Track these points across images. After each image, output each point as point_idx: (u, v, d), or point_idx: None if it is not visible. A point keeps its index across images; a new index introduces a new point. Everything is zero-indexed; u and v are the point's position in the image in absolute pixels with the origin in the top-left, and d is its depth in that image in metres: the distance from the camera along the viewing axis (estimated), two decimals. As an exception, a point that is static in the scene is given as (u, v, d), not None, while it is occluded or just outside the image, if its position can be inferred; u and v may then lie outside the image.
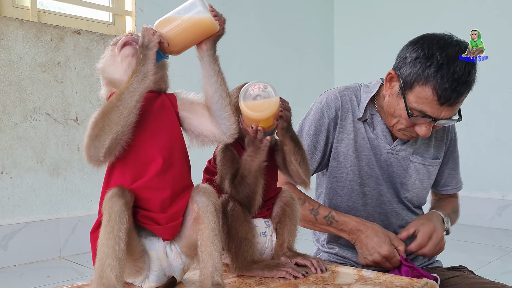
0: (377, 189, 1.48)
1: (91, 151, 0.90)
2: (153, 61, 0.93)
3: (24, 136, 2.68)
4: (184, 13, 0.97)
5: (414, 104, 1.32)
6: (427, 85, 1.28)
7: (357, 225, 1.39)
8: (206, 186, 0.98)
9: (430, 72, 1.27)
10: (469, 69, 1.28)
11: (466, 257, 1.44)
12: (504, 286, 1.33)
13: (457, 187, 1.64)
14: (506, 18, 3.66)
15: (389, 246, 1.34)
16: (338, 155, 1.47)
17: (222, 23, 1.00)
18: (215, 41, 1.01)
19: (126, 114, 0.90)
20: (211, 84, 1.00)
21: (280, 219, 1.18)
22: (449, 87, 1.26)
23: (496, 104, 3.72)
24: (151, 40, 0.93)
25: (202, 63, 1.01)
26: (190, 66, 2.41)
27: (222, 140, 1.02)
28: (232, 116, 1.01)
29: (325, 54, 4.63)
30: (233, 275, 1.11)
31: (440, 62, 1.26)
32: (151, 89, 0.99)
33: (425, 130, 1.34)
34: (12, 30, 2.63)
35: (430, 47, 1.29)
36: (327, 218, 1.43)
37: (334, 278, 1.08)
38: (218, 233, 0.95)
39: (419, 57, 1.30)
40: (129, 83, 0.91)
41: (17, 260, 2.62)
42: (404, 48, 1.37)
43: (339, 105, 1.47)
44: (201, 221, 0.94)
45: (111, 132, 0.89)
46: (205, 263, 0.94)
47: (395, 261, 1.34)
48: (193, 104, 1.02)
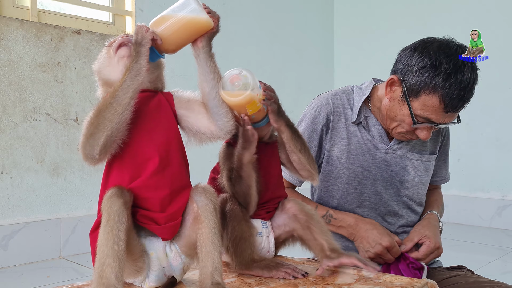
0: (375, 191, 1.48)
1: (87, 149, 0.90)
2: (146, 58, 0.93)
3: (24, 136, 2.68)
4: (178, 11, 0.98)
5: (419, 111, 1.33)
6: (434, 94, 1.29)
7: (355, 220, 1.42)
8: (205, 185, 0.98)
9: (438, 81, 1.28)
10: (474, 77, 1.30)
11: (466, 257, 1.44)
12: (503, 285, 1.34)
13: (446, 179, 1.67)
14: (506, 18, 3.66)
15: (389, 237, 1.38)
16: (331, 159, 1.48)
17: (216, 20, 1.01)
18: (210, 38, 1.02)
19: (120, 111, 0.90)
20: (208, 81, 1.00)
21: (300, 229, 1.14)
22: (457, 96, 1.28)
23: (496, 104, 3.72)
24: (144, 37, 0.94)
25: (198, 60, 1.02)
26: (190, 66, 2.40)
27: (220, 137, 1.02)
28: (229, 113, 1.01)
29: (325, 54, 4.64)
30: (233, 274, 1.11)
31: (448, 72, 1.28)
32: (148, 88, 0.99)
33: (426, 134, 1.36)
34: (12, 30, 2.63)
35: (437, 56, 1.30)
36: (325, 217, 1.45)
37: (334, 278, 1.08)
38: (218, 232, 0.95)
39: (426, 66, 1.30)
40: (122, 80, 0.92)
41: (17, 260, 2.62)
42: (407, 54, 1.36)
43: (330, 109, 1.48)
44: (200, 220, 0.94)
45: (105, 130, 0.89)
46: (205, 263, 0.93)
47: (395, 251, 1.37)
48: (190, 102, 1.03)
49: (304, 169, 1.15)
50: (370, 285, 1.03)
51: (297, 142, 1.12)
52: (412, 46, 1.37)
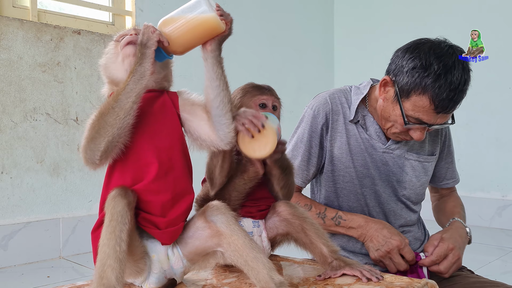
0: (374, 189, 1.48)
1: (87, 154, 0.89)
2: (150, 60, 0.90)
3: (24, 136, 2.68)
4: (189, 12, 0.94)
5: (411, 112, 1.33)
6: (424, 94, 1.29)
7: (365, 220, 1.42)
8: (216, 203, 0.97)
9: (428, 82, 1.28)
10: (465, 78, 1.30)
11: (466, 257, 1.43)
12: (503, 285, 1.34)
13: (456, 180, 1.66)
14: (506, 18, 3.66)
15: (400, 236, 1.36)
16: (332, 158, 1.48)
17: (228, 22, 0.97)
18: (221, 42, 0.98)
19: (122, 116, 0.88)
20: (213, 88, 0.96)
21: (295, 232, 1.11)
22: (447, 97, 1.28)
23: (496, 104, 3.72)
24: (150, 38, 0.91)
25: (206, 64, 0.97)
26: (191, 66, 2.41)
27: (219, 146, 0.98)
28: (231, 124, 0.97)
29: (325, 54, 4.64)
30: (233, 274, 1.10)
31: (438, 73, 1.27)
32: (153, 88, 0.98)
33: (419, 134, 1.37)
34: (12, 30, 2.63)
35: (428, 57, 1.30)
36: (335, 218, 1.45)
37: (334, 278, 1.08)
38: (250, 238, 0.93)
39: (417, 67, 1.30)
40: (126, 83, 0.89)
41: (17, 260, 2.62)
42: (399, 54, 1.37)
43: (329, 108, 1.48)
44: (226, 235, 0.93)
45: (106, 135, 0.87)
46: (256, 269, 0.91)
47: (407, 250, 1.34)
48: (194, 106, 0.99)
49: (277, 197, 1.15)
50: (370, 285, 1.03)
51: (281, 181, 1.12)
52: (404, 47, 1.38)
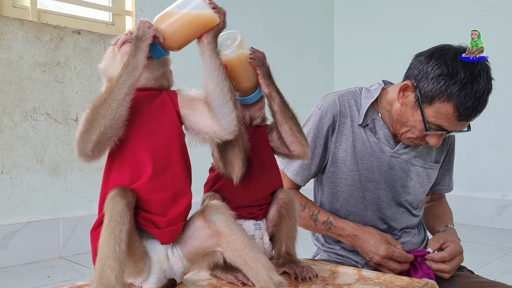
0: (377, 194, 1.48)
1: (80, 146, 0.89)
2: (144, 53, 0.91)
3: (24, 136, 2.68)
4: (182, 7, 0.96)
5: (432, 118, 1.33)
6: (449, 102, 1.29)
7: (353, 230, 1.42)
8: (215, 203, 0.97)
9: (454, 90, 1.28)
10: (489, 87, 1.31)
11: (466, 257, 1.43)
12: (503, 285, 1.34)
13: (450, 188, 1.67)
14: (506, 18, 3.66)
15: (385, 245, 1.36)
16: (336, 161, 1.47)
17: (222, 15, 0.99)
18: (216, 34, 0.99)
19: (114, 106, 0.88)
20: (212, 79, 0.97)
21: (276, 223, 1.12)
22: (471, 106, 1.28)
23: (496, 104, 3.68)
24: (146, 32, 0.92)
25: (203, 57, 0.98)
26: (191, 66, 2.41)
27: (223, 137, 0.98)
28: (233, 112, 0.98)
29: (325, 54, 4.63)
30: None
31: (465, 81, 1.27)
32: (152, 86, 0.98)
33: (436, 140, 1.37)
34: (12, 30, 2.63)
35: (454, 64, 1.29)
36: (326, 224, 1.45)
37: (334, 278, 1.08)
38: (249, 238, 0.94)
39: (443, 74, 1.29)
40: (119, 75, 0.90)
41: (17, 260, 2.62)
42: (423, 60, 1.35)
43: (337, 110, 1.47)
44: (226, 235, 0.94)
45: (98, 126, 0.88)
46: (256, 269, 0.92)
47: (397, 255, 1.35)
48: (193, 101, 1.00)
49: (296, 141, 1.10)
50: (370, 285, 1.03)
51: (288, 109, 1.10)
52: (427, 53, 1.36)
